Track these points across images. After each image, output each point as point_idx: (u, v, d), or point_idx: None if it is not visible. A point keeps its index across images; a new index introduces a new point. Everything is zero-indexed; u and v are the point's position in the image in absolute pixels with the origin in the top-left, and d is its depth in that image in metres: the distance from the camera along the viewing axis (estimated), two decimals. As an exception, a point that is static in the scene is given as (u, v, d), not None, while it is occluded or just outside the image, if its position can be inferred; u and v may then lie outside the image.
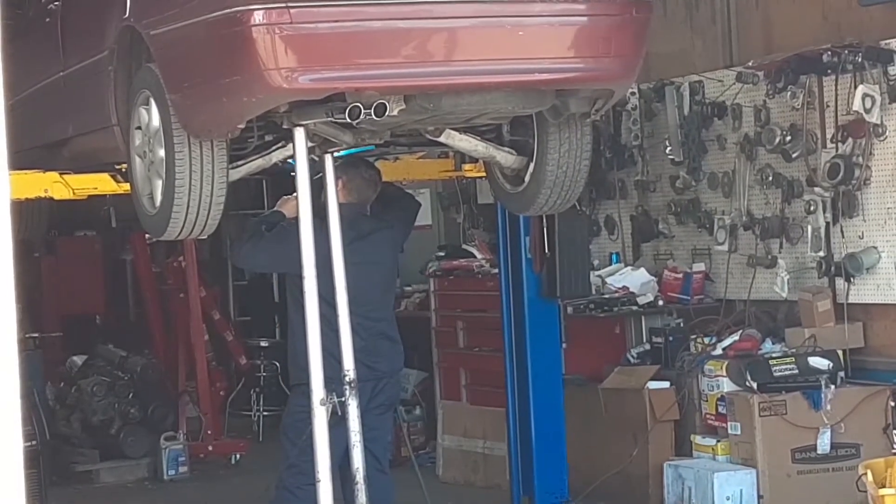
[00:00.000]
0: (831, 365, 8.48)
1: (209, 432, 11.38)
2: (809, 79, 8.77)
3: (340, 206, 6.53)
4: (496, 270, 9.29)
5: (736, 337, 9.06)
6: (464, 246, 11.16)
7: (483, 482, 10.11)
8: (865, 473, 6.34)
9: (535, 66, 5.68)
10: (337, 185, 6.59)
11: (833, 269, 8.75)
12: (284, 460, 7.20)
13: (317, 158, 6.45)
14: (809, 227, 8.86)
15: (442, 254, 11.08)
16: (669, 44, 9.83)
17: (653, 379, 9.25)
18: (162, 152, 5.85)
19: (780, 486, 8.36)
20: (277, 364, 12.33)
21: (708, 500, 8.42)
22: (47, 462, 9.84)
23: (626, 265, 10.29)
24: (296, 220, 6.15)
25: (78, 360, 11.80)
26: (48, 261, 12.89)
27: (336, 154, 6.65)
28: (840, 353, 8.60)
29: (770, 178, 9.17)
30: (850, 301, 8.69)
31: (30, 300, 11.71)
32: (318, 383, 6.08)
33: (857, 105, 8.35)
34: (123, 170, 6.59)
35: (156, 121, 5.87)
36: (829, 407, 8.36)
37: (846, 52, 8.38)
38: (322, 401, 6.08)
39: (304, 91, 5.50)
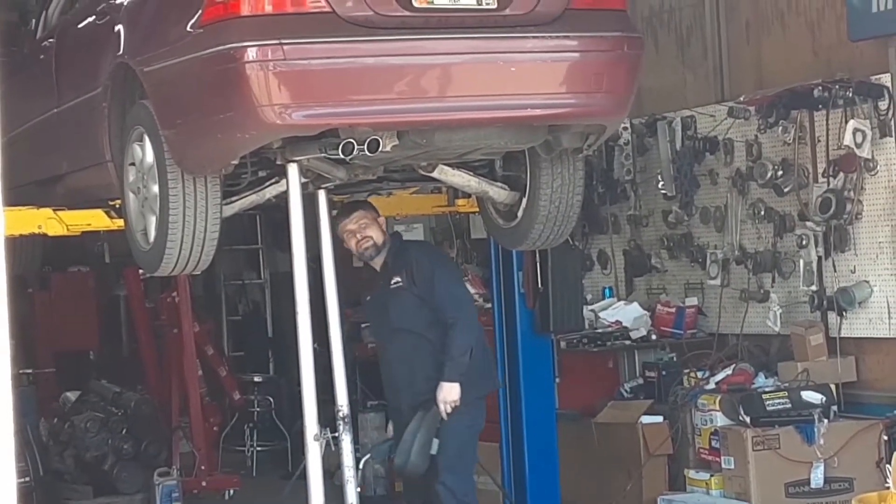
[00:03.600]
0: (824, 399, 8.49)
1: (203, 468, 11.35)
2: (801, 114, 8.81)
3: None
4: (489, 305, 9.30)
5: (729, 371, 9.06)
6: (457, 281, 11.16)
7: (477, 517, 10.08)
8: (858, 507, 6.34)
9: (528, 101, 5.71)
10: (381, 222, 7.10)
11: (825, 303, 8.77)
12: None
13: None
14: (801, 262, 8.88)
15: (435, 289, 11.07)
16: (661, 79, 9.87)
17: (646, 413, 9.25)
18: (156, 188, 5.87)
19: (774, 520, 8.36)
20: (271, 399, 12.31)
21: (702, 535, 8.42)
22: (41, 498, 9.81)
23: (618, 299, 10.31)
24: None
25: (71, 395, 11.78)
26: (42, 296, 12.87)
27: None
28: (833, 387, 8.61)
29: (762, 213, 9.20)
30: (842, 335, 8.70)
31: (23, 336, 11.69)
32: (312, 418, 6.09)
33: (848, 140, 8.39)
34: (117, 206, 6.60)
35: (149, 157, 5.89)
36: (822, 441, 8.36)
37: (837, 87, 8.43)
38: (316, 436, 6.08)
39: (297, 127, 5.53)
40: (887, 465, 8.26)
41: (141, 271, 11.05)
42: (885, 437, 8.36)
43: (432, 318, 7.06)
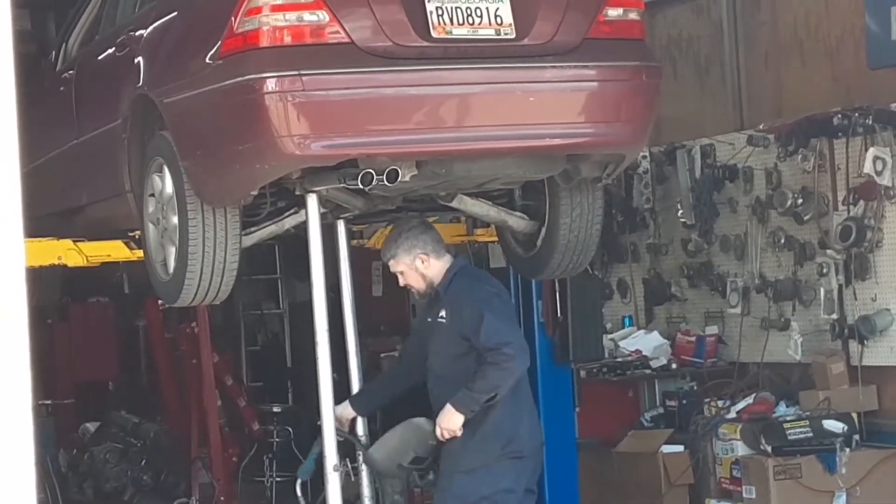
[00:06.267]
0: (846, 428, 8.45)
1: (222, 498, 11.33)
2: (820, 142, 8.80)
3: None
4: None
5: (750, 400, 9.03)
6: (476, 310, 11.13)
7: (497, 548, 10.05)
8: (882, 537, 6.31)
9: (547, 131, 5.72)
10: (424, 265, 6.36)
11: (846, 331, 8.73)
12: None
13: None
14: (822, 290, 8.85)
15: (454, 318, 11.05)
16: (680, 107, 9.86)
17: (667, 443, 9.22)
18: (175, 219, 5.88)
19: (797, 550, 8.31)
20: (290, 430, 12.29)
21: (724, 565, 8.38)
22: (60, 530, 9.80)
23: (638, 328, 10.29)
24: None
25: (91, 426, 11.79)
26: (61, 327, 12.89)
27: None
28: (854, 415, 8.57)
29: (782, 241, 9.18)
30: (863, 363, 8.66)
31: (42, 367, 11.69)
32: (332, 449, 6.08)
33: (867, 167, 8.37)
34: (137, 237, 6.62)
35: (169, 188, 5.90)
36: (844, 470, 8.32)
37: (856, 114, 8.41)
38: (335, 467, 6.07)
39: (316, 158, 5.53)
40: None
41: (160, 302, 11.06)
42: (908, 466, 8.32)
43: (470, 366, 6.20)
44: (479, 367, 6.13)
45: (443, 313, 6.33)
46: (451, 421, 6.16)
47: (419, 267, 6.34)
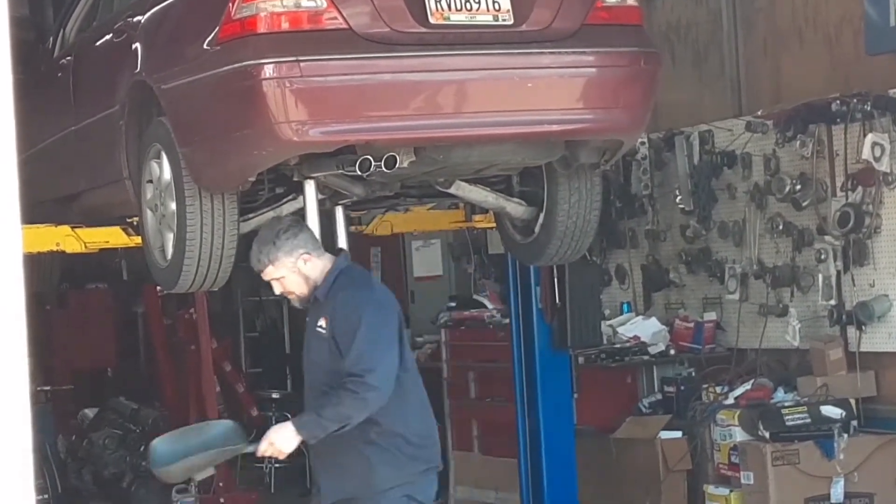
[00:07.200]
0: (844, 414, 8.46)
1: (221, 485, 11.34)
2: (818, 128, 8.79)
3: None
4: (507, 321, 9.29)
5: (748, 386, 9.04)
6: (475, 296, 11.16)
7: (495, 533, 10.07)
8: (879, 523, 6.32)
9: (545, 117, 5.72)
10: (308, 265, 5.69)
11: (844, 317, 8.74)
12: None
13: None
14: (820, 276, 8.85)
15: (453, 304, 11.08)
16: (678, 93, 9.85)
17: (665, 429, 9.23)
18: (173, 205, 5.88)
19: (794, 535, 8.33)
20: (289, 416, 12.28)
21: (721, 551, 8.39)
22: (59, 516, 9.81)
23: (637, 314, 10.29)
24: None
25: (89, 412, 11.80)
26: (59, 314, 12.89)
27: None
28: (852, 401, 8.58)
29: (780, 227, 9.18)
30: (861, 349, 8.67)
31: (41, 353, 11.71)
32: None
33: (866, 154, 8.37)
34: (135, 223, 6.62)
35: (167, 174, 5.90)
36: (842, 456, 8.33)
37: (855, 100, 8.41)
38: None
39: (314, 144, 5.53)
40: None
41: (159, 288, 11.07)
42: (906, 452, 8.33)
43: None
44: (335, 392, 5.47)
45: (321, 322, 5.63)
46: (286, 442, 5.60)
47: (302, 268, 5.64)
